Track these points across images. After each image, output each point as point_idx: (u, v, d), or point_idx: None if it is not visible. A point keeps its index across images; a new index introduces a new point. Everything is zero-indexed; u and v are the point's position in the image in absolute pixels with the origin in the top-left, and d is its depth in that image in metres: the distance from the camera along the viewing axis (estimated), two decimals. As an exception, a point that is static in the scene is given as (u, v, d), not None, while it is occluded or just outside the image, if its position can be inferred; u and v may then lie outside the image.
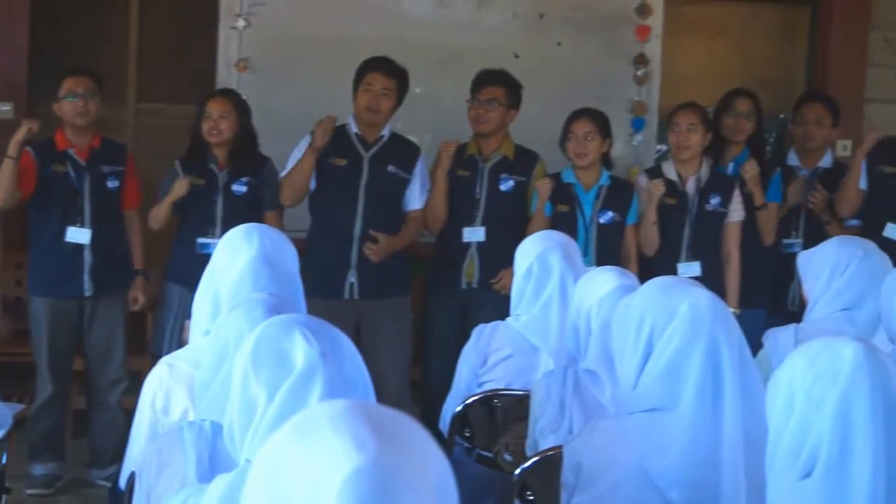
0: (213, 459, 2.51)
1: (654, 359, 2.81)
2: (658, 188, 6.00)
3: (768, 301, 6.27)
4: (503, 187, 6.12)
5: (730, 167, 6.31)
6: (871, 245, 4.21)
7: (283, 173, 5.99)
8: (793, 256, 4.43)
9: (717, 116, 6.33)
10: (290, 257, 3.48)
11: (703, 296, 2.84)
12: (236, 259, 3.36)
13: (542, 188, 5.99)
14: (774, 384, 2.23)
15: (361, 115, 5.94)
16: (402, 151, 6.06)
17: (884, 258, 4.13)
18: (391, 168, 5.98)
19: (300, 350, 2.22)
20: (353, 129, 5.98)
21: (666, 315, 2.81)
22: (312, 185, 5.95)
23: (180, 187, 5.84)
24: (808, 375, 2.15)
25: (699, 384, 2.73)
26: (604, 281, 3.51)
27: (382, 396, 6.14)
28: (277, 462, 1.37)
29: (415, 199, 6.07)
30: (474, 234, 6.08)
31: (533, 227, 5.59)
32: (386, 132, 6.01)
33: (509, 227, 5.97)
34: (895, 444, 2.10)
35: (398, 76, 5.97)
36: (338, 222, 5.91)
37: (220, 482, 2.16)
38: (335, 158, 5.92)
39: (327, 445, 1.32)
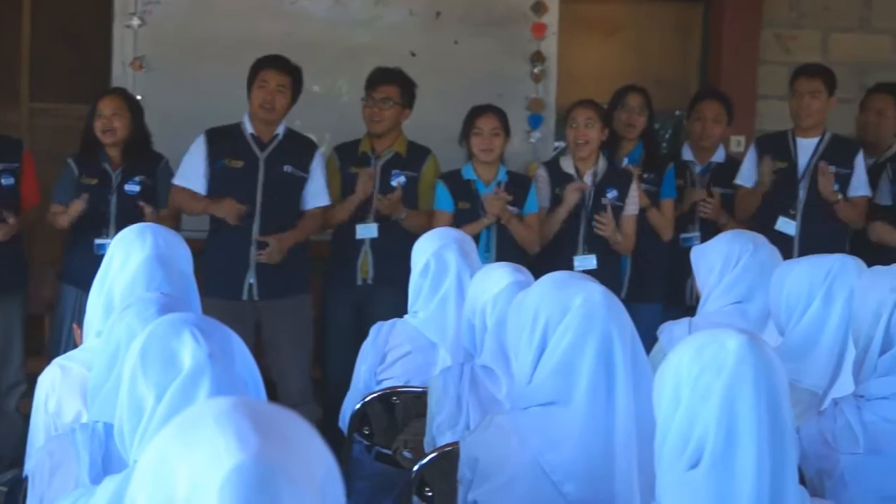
0: (107, 461, 2.49)
1: (549, 353, 2.83)
2: (575, 192, 6.03)
3: (665, 295, 6.34)
4: (394, 183, 6.13)
5: (623, 162, 6.37)
6: (761, 239, 4.27)
7: (176, 179, 5.94)
8: (690, 251, 4.48)
9: (609, 112, 6.37)
10: (183, 257, 3.45)
11: (597, 290, 2.86)
12: (130, 259, 3.33)
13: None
14: (661, 377, 2.25)
15: (256, 112, 5.90)
16: (298, 149, 6.03)
17: (773, 252, 4.19)
18: (287, 168, 5.95)
19: (188, 350, 2.21)
20: (248, 129, 5.94)
21: (560, 310, 2.83)
22: (204, 183, 5.90)
23: (74, 209, 5.75)
24: (694, 367, 2.17)
25: (592, 378, 2.75)
26: (498, 277, 3.53)
27: (285, 396, 6.16)
28: (161, 460, 1.36)
29: (312, 196, 6.03)
30: (367, 230, 6.08)
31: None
32: (281, 130, 5.98)
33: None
34: (778, 433, 2.13)
35: (292, 73, 5.94)
36: (236, 223, 5.87)
37: (110, 483, 2.14)
38: (231, 160, 5.88)
39: (210, 442, 1.32)
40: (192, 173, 5.92)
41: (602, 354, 2.76)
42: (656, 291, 6.33)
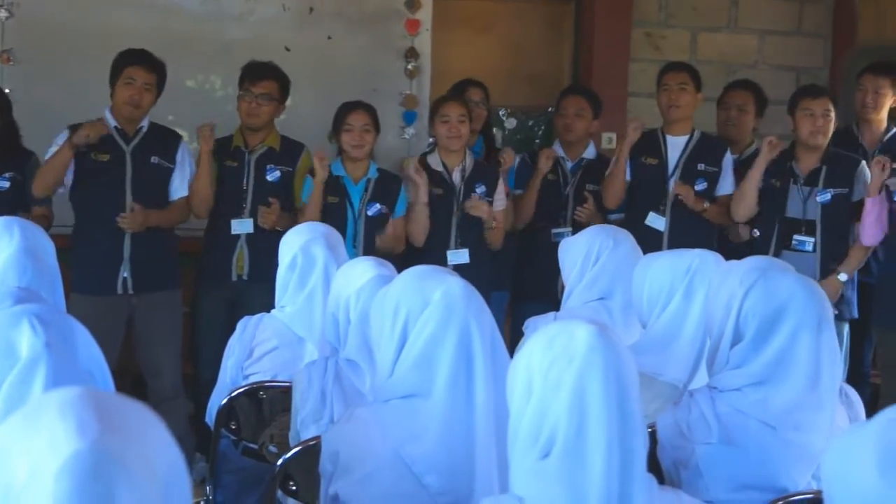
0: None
1: (409, 346, 2.85)
2: (421, 178, 6.08)
3: (512, 284, 6.49)
4: (270, 178, 6.11)
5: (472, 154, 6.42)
6: (622, 234, 4.34)
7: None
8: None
9: None
10: (49, 251, 3.46)
11: (456, 283, 2.89)
12: (-2, 252, 3.33)
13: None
14: (514, 369, 2.28)
15: (122, 109, 5.84)
16: (163, 141, 5.98)
17: (634, 248, 4.26)
18: (154, 159, 5.90)
19: (26, 340, 2.20)
20: (112, 122, 5.86)
21: (420, 303, 2.86)
22: (70, 177, 5.80)
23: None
24: (546, 358, 2.20)
25: (452, 371, 2.78)
26: (361, 271, 3.54)
27: (157, 391, 6.09)
28: (3, 447, 1.36)
29: (178, 187, 5.99)
30: (243, 225, 6.06)
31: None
32: (145, 123, 5.91)
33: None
34: (628, 422, 2.17)
35: (158, 70, 5.89)
36: (106, 217, 5.79)
37: None
38: (96, 154, 5.80)
39: (51, 430, 1.32)
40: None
41: (461, 347, 2.79)
42: (505, 280, 6.43)
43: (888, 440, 1.55)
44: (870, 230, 5.99)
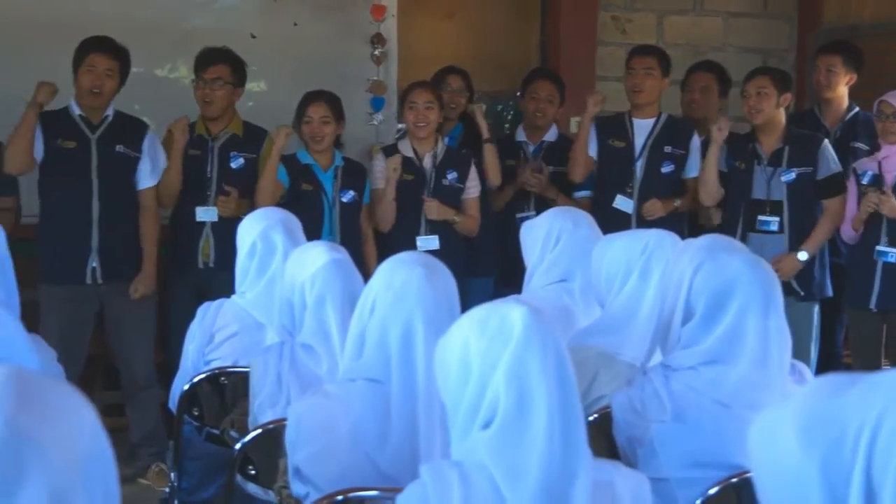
0: None
1: (370, 329, 2.93)
2: (394, 163, 6.09)
3: (496, 270, 6.44)
4: (234, 165, 6.11)
5: (446, 140, 6.43)
6: (582, 217, 4.35)
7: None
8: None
9: None
10: (-1, 236, 3.43)
11: (419, 272, 2.93)
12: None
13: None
14: (444, 352, 2.31)
15: (84, 97, 5.82)
16: (129, 130, 5.96)
17: (593, 229, 4.28)
18: (120, 148, 5.88)
19: None
20: (76, 111, 5.85)
21: (384, 288, 2.93)
22: (40, 154, 5.76)
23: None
24: (482, 340, 2.23)
25: (397, 356, 2.88)
26: (315, 256, 3.54)
27: (129, 381, 6.10)
28: None
29: (145, 176, 5.97)
30: (207, 213, 6.05)
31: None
32: (110, 112, 5.89)
33: None
34: (567, 389, 2.20)
35: (120, 56, 5.86)
36: (74, 206, 5.79)
37: None
38: (62, 141, 5.79)
39: None
40: None
41: (405, 335, 2.87)
42: (488, 266, 6.41)
43: (808, 410, 1.57)
44: (849, 230, 6.07)
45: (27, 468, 1.28)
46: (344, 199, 6.06)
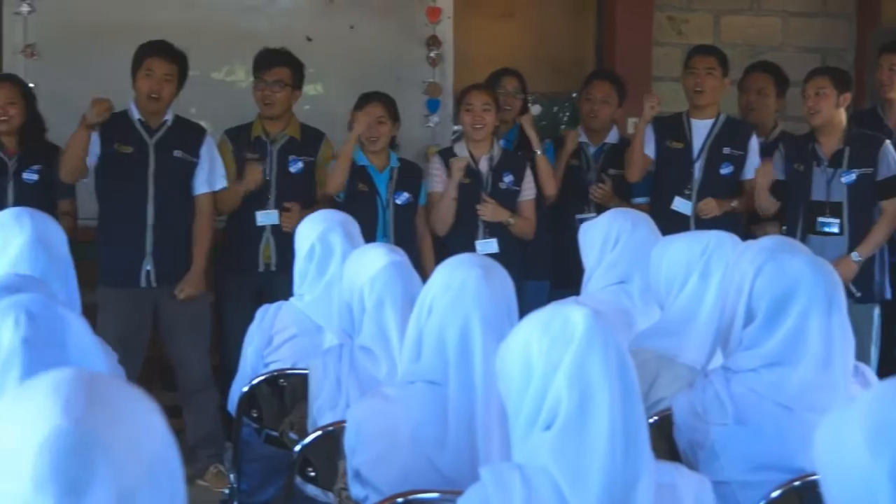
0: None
1: (427, 331, 2.95)
2: (461, 164, 6.08)
3: (552, 273, 6.43)
4: (292, 169, 6.14)
5: (500, 143, 6.42)
6: (641, 218, 4.33)
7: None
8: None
9: None
10: (61, 241, 3.47)
11: (476, 274, 2.94)
12: (9, 242, 3.35)
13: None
14: (507, 354, 2.32)
15: (143, 101, 5.86)
16: (187, 135, 5.99)
17: (652, 230, 4.25)
18: (177, 153, 5.91)
19: (7, 334, 2.24)
20: (136, 115, 5.89)
21: (442, 289, 2.95)
22: (94, 160, 5.80)
23: None
24: (544, 342, 2.23)
25: (455, 358, 2.89)
26: (373, 258, 3.54)
27: (186, 382, 6.14)
28: None
29: (202, 182, 5.99)
30: (267, 217, 6.07)
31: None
32: (169, 116, 5.93)
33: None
34: (630, 391, 2.21)
35: (178, 61, 5.90)
36: (129, 210, 5.82)
37: None
38: (120, 146, 5.83)
39: (39, 406, 1.33)
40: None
41: (462, 336, 2.89)
42: (543, 269, 6.39)
43: (877, 414, 1.56)
44: None
45: (96, 469, 1.29)
46: (398, 201, 6.07)
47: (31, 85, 6.28)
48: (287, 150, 6.16)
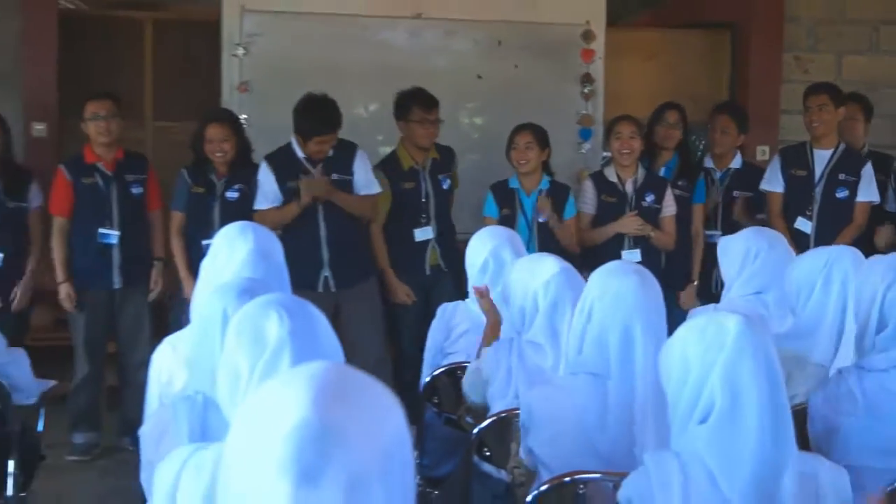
0: (204, 429, 2.52)
1: (590, 328, 2.98)
2: (633, 223, 6.06)
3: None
4: (444, 186, 6.24)
5: (661, 171, 6.38)
6: (776, 237, 4.29)
7: (258, 204, 5.87)
8: (715, 246, 4.50)
9: (650, 127, 6.40)
10: (278, 249, 3.52)
11: (632, 280, 2.96)
12: (235, 252, 3.40)
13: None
14: (668, 355, 2.32)
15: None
16: (342, 156, 5.94)
17: (787, 249, 4.21)
18: (335, 176, 5.88)
19: (273, 327, 2.25)
20: (299, 153, 5.86)
21: (600, 293, 2.98)
22: (279, 201, 5.85)
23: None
24: (700, 345, 2.24)
25: (616, 354, 2.91)
26: (547, 266, 3.51)
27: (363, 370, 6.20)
28: (254, 409, 1.36)
29: (361, 188, 5.96)
30: (424, 233, 6.13)
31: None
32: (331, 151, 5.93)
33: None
34: (777, 389, 2.22)
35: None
36: (307, 227, 5.85)
37: (220, 446, 2.15)
38: (291, 182, 5.82)
39: (294, 397, 1.31)
40: (270, 193, 5.88)
41: (625, 335, 2.90)
42: (678, 279, 6.31)
43: None
44: None
45: (332, 458, 1.27)
46: (541, 220, 6.03)
47: (243, 116, 6.41)
48: (435, 171, 6.21)
